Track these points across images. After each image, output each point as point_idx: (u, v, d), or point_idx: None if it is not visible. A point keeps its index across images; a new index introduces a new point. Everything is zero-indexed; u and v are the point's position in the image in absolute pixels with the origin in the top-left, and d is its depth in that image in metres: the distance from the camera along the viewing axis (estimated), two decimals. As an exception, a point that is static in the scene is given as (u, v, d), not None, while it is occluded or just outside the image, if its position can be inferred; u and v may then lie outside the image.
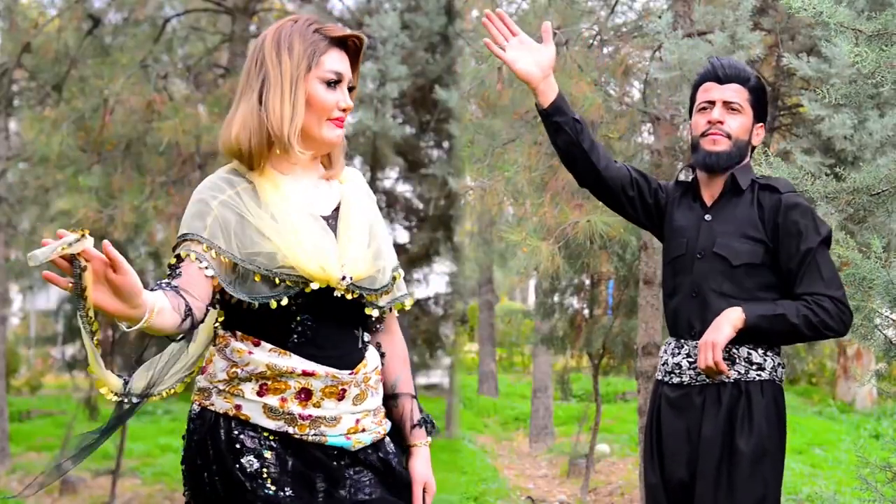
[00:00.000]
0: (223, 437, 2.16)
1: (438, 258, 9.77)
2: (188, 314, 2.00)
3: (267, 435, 2.16)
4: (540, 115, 2.92)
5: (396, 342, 2.43)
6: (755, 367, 2.81)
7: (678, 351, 2.91)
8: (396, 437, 2.38)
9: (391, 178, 11.10)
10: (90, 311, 1.79)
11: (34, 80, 8.88)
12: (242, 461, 2.14)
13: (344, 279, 2.19)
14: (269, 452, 2.15)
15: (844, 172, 3.37)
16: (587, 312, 8.38)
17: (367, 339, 2.32)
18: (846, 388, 13.03)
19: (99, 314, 1.84)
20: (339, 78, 2.22)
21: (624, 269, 7.27)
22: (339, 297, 2.19)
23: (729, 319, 2.76)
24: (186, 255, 2.12)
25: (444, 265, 9.96)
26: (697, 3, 4.91)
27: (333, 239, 2.21)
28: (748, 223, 2.84)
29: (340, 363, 2.20)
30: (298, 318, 2.18)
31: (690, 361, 2.86)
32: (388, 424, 2.34)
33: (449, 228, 9.76)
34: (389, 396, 2.40)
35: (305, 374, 2.16)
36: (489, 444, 11.01)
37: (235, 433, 2.16)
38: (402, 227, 10.78)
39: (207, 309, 2.11)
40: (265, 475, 2.13)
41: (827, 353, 13.73)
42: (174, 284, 2.04)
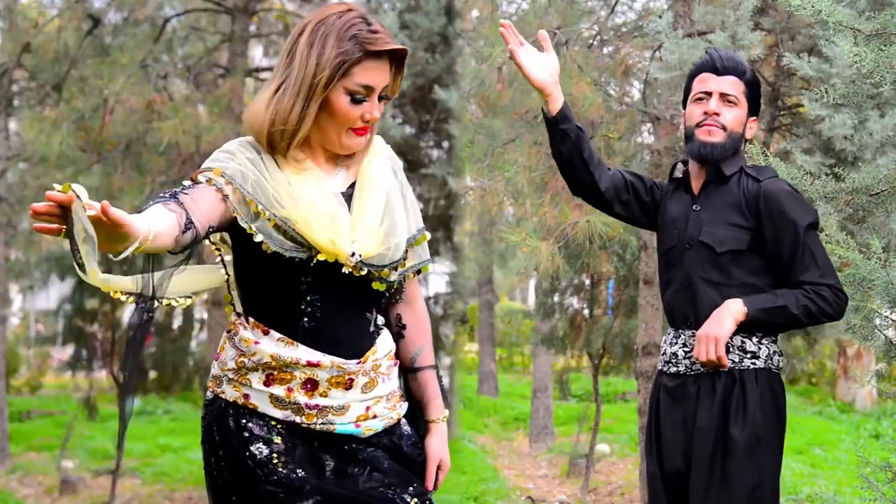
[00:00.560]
0: (232, 425, 2.16)
1: (438, 258, 9.73)
2: (189, 226, 1.93)
3: (274, 424, 2.16)
4: (546, 122, 2.93)
5: (418, 312, 2.40)
6: (749, 355, 2.82)
7: (675, 341, 2.94)
8: (413, 413, 2.36)
9: (391, 178, 11.03)
10: (85, 229, 1.66)
11: (34, 80, 8.87)
12: (252, 449, 2.14)
13: (353, 255, 2.16)
14: (277, 438, 2.16)
15: (844, 172, 3.37)
16: (587, 312, 8.38)
17: (380, 322, 2.29)
18: (846, 388, 13.03)
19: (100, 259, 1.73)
20: (367, 92, 2.14)
21: (624, 269, 7.27)
22: (347, 273, 2.16)
23: (730, 312, 2.78)
24: (205, 179, 2.09)
25: (444, 265, 9.93)
26: (697, 3, 4.91)
27: (348, 214, 2.19)
28: (734, 211, 2.87)
29: (347, 352, 2.18)
30: (308, 297, 2.17)
31: (686, 351, 2.89)
32: (403, 408, 2.32)
33: (449, 228, 9.73)
34: (409, 370, 2.38)
35: (310, 364, 2.15)
36: (489, 444, 11.00)
37: (244, 421, 2.16)
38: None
39: (209, 229, 2.05)
40: (275, 460, 2.14)
41: (827, 353, 13.72)
42: (179, 199, 1.96)
